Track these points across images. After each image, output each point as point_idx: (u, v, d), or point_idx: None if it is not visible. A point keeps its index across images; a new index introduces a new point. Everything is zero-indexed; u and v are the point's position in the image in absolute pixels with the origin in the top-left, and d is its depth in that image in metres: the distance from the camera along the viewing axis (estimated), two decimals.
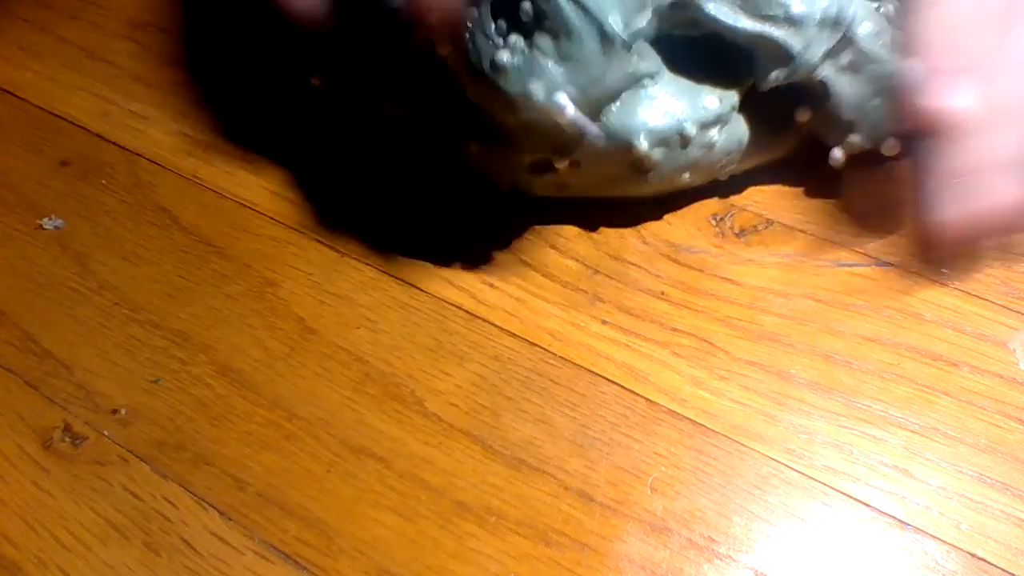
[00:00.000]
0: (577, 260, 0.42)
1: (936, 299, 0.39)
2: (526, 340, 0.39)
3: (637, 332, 0.39)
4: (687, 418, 0.37)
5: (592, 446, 0.36)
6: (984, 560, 0.33)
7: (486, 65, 0.36)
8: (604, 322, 0.40)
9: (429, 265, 0.42)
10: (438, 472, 0.36)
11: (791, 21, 0.37)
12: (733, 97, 0.39)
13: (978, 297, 0.39)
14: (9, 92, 0.52)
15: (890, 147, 0.39)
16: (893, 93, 0.29)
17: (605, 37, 0.35)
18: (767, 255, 0.41)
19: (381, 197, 0.45)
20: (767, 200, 0.43)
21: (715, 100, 0.39)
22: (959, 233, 0.26)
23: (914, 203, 0.27)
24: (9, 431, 0.38)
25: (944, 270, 0.39)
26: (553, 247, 0.42)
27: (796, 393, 0.37)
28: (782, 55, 0.37)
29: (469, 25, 0.35)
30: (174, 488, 0.36)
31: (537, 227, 0.43)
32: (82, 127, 0.49)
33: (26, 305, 0.42)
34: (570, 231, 0.43)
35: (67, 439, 0.37)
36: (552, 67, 0.35)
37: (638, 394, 0.37)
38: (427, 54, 0.38)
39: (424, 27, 0.32)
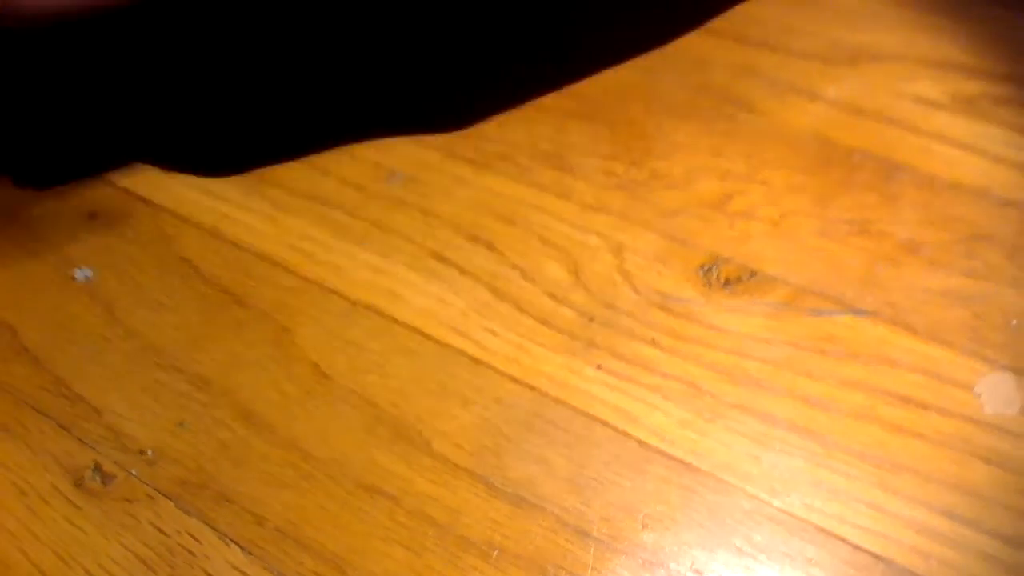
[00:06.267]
0: (573, 308, 0.45)
1: (907, 345, 0.42)
2: (526, 384, 0.42)
3: (629, 377, 0.42)
4: (676, 458, 0.39)
5: (587, 484, 0.38)
6: None
7: None
8: (598, 367, 0.42)
9: (435, 313, 0.45)
10: (444, 509, 0.38)
11: None
12: None
13: (947, 344, 0.42)
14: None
15: None
16: None
17: None
18: (751, 304, 0.44)
19: (387, 245, 0.48)
20: (752, 252, 0.46)
21: None
22: None
23: None
24: (43, 471, 0.40)
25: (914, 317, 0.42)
26: (551, 296, 0.45)
27: (778, 434, 0.40)
28: None
29: None
30: (197, 524, 0.38)
31: (532, 273, 0.46)
32: (108, 182, 0.52)
33: (59, 352, 0.44)
34: (566, 281, 0.46)
35: (97, 478, 0.40)
36: None
37: (630, 435, 0.40)
38: None
39: None
